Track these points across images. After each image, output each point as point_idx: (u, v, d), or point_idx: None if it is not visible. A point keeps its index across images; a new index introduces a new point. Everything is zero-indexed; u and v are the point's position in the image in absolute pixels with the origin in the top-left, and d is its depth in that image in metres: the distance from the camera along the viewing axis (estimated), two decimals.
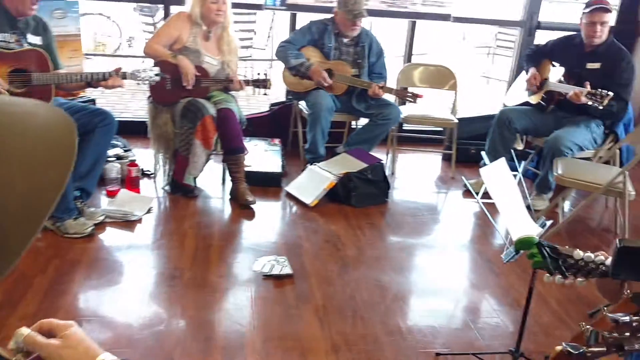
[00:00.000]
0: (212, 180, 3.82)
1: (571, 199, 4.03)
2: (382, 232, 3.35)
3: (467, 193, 3.98)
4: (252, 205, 3.46)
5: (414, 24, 4.73)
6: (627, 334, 0.86)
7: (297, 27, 4.27)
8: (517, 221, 1.98)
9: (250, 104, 6.11)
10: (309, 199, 3.56)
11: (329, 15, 4.03)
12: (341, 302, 2.58)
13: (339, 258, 2.98)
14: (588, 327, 0.91)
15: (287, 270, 2.76)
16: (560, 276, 1.11)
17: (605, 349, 0.89)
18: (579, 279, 1.13)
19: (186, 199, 3.53)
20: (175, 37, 3.49)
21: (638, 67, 4.66)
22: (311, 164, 3.85)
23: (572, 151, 3.54)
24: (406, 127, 4.78)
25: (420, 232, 3.42)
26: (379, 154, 4.16)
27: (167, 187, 3.64)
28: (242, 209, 3.46)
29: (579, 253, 1.09)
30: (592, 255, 1.09)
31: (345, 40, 4.01)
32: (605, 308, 0.93)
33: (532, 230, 2.03)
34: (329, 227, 3.33)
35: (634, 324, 0.85)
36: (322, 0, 4.35)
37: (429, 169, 4.56)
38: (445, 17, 4.58)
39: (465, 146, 4.49)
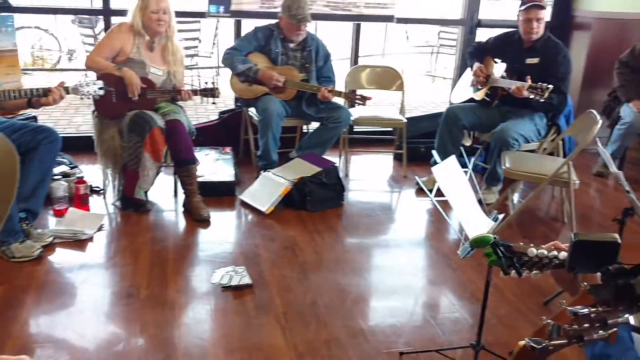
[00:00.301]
0: (164, 193, 3.75)
1: (520, 190, 4.15)
2: (339, 235, 3.36)
3: (420, 191, 4.04)
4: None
5: (358, 26, 4.78)
6: (586, 325, 0.89)
7: (243, 33, 4.24)
8: (470, 216, 2.02)
9: (198, 113, 6.03)
10: (264, 206, 3.54)
11: (273, 21, 4.03)
12: (302, 308, 2.57)
13: (297, 264, 2.97)
14: (549, 321, 0.93)
15: (246, 280, 2.73)
16: (514, 272, 1.14)
17: (566, 341, 0.91)
18: (534, 272, 1.16)
19: (138, 214, 3.45)
20: (117, 48, 3.41)
21: (574, 61, 4.85)
22: (264, 171, 3.83)
23: (518, 142, 3.65)
24: (357, 129, 4.83)
25: (376, 232, 3.45)
26: (332, 157, 4.18)
27: (117, 203, 3.54)
28: (197, 221, 3.41)
29: (532, 251, 1.12)
30: (546, 251, 1.12)
31: (291, 45, 4.01)
32: (564, 302, 0.95)
33: (486, 224, 2.08)
34: (286, 233, 3.32)
35: (592, 315, 0.88)
36: (267, 6, 4.34)
37: (382, 169, 4.61)
38: (388, 19, 4.65)
39: (415, 145, 4.57)
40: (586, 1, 4.94)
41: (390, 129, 4.83)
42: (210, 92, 3.60)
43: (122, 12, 3.72)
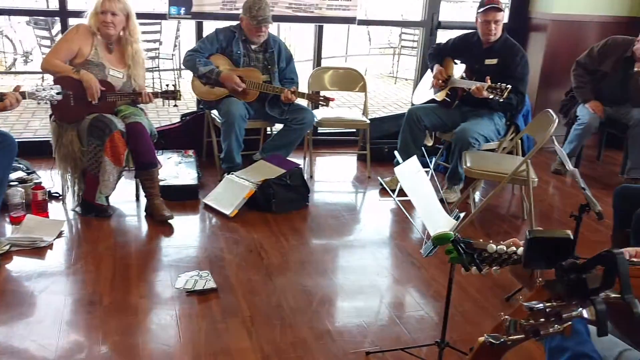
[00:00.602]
0: (125, 197, 3.68)
1: (481, 189, 4.23)
2: (304, 237, 3.37)
3: (384, 191, 4.08)
4: (170, 221, 3.37)
5: (320, 28, 4.80)
6: (542, 319, 0.92)
7: (205, 34, 4.20)
8: (432, 215, 2.05)
9: (160, 116, 5.96)
10: (228, 209, 3.52)
11: (235, 23, 4.00)
12: (268, 311, 2.57)
13: (263, 267, 2.96)
14: (507, 317, 0.96)
15: (211, 284, 2.71)
16: (475, 268, 1.16)
17: (523, 335, 0.94)
18: (495, 268, 1.18)
19: (99, 219, 3.38)
20: (75, 50, 3.34)
21: (531, 62, 4.97)
22: (228, 174, 3.81)
23: (479, 142, 3.72)
24: (321, 130, 4.84)
25: (342, 233, 3.46)
26: (296, 158, 4.19)
27: (77, 209, 3.47)
28: (160, 225, 3.36)
29: (492, 247, 1.15)
30: (505, 247, 1.15)
31: (253, 46, 3.99)
32: (521, 297, 0.98)
33: (447, 223, 2.11)
34: (251, 236, 3.31)
35: (547, 310, 0.91)
36: (228, 7, 4.31)
37: (346, 170, 4.63)
38: (350, 20, 4.68)
39: (379, 146, 4.60)
40: (542, 3, 5.06)
41: (354, 130, 4.86)
42: (172, 95, 3.56)
43: (79, 14, 3.65)
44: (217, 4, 4.30)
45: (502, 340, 0.94)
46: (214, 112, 4.09)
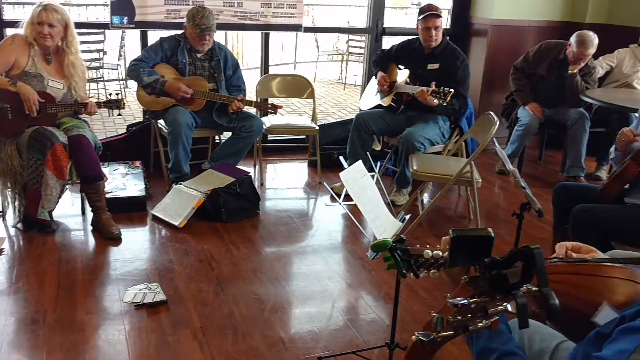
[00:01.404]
0: (70, 211, 3.59)
1: (429, 191, 4.31)
2: (256, 245, 3.35)
3: (334, 197, 4.09)
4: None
5: (267, 35, 4.80)
6: (469, 315, 0.95)
7: (150, 43, 4.15)
8: (379, 219, 2.08)
9: (106, 127, 5.83)
10: (177, 220, 3.47)
11: (180, 31, 3.97)
12: (220, 321, 2.54)
13: (214, 277, 2.93)
14: (434, 314, 0.99)
15: (161, 296, 2.66)
16: (412, 274, 1.19)
17: (452, 332, 0.97)
18: (432, 271, 1.21)
19: (42, 235, 3.28)
20: (11, 61, 3.24)
21: (473, 66, 5.11)
22: (176, 184, 3.76)
23: (424, 145, 3.79)
24: (271, 137, 4.84)
25: (293, 240, 3.47)
26: (245, 166, 4.17)
27: (19, 225, 3.35)
28: (107, 238, 3.29)
29: (428, 252, 1.18)
30: (440, 252, 1.18)
31: (199, 55, 3.96)
32: (448, 295, 1.01)
33: (394, 225, 2.15)
34: (201, 246, 3.27)
35: (473, 306, 0.94)
36: (172, 16, 4.27)
37: (297, 177, 4.65)
38: (296, 28, 4.70)
39: (328, 151, 4.63)
40: (482, 9, 5.22)
41: (304, 136, 4.88)
42: (115, 104, 3.50)
43: (15, 24, 3.54)
44: (161, 12, 4.25)
45: (431, 337, 0.97)
46: (161, 122, 4.04)
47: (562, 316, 0.92)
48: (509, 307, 0.92)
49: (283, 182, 4.47)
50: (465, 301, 0.94)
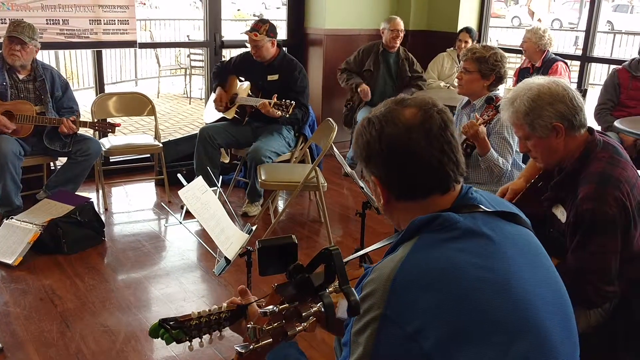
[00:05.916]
0: None
1: (282, 199, 4.38)
2: (103, 274, 3.17)
3: (188, 214, 3.98)
4: None
5: (99, 53, 4.58)
6: (283, 321, 0.98)
7: None
8: (223, 233, 2.08)
9: None
10: (11, 257, 3.17)
11: None
12: None
13: (57, 314, 2.72)
14: (248, 326, 1.01)
15: None
16: (194, 341, 1.20)
17: (271, 339, 0.99)
18: (215, 334, 1.23)
19: None
20: None
21: (312, 74, 5.29)
22: (7, 218, 3.43)
23: (271, 159, 3.86)
24: (113, 159, 4.61)
25: (143, 264, 3.33)
26: (87, 192, 3.93)
27: None
28: None
29: (195, 313, 1.19)
30: (207, 310, 1.20)
31: (21, 76, 3.66)
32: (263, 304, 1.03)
33: (241, 237, 2.15)
34: (41, 282, 3.02)
35: (283, 312, 0.97)
36: None
37: (145, 198, 4.47)
38: (130, 44, 4.54)
39: (176, 169, 4.50)
40: (315, 19, 5.42)
41: (148, 155, 4.72)
42: None
43: None
44: None
45: (250, 348, 0.99)
46: None
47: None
48: (322, 307, 0.96)
49: (130, 205, 4.27)
50: (275, 309, 0.96)
